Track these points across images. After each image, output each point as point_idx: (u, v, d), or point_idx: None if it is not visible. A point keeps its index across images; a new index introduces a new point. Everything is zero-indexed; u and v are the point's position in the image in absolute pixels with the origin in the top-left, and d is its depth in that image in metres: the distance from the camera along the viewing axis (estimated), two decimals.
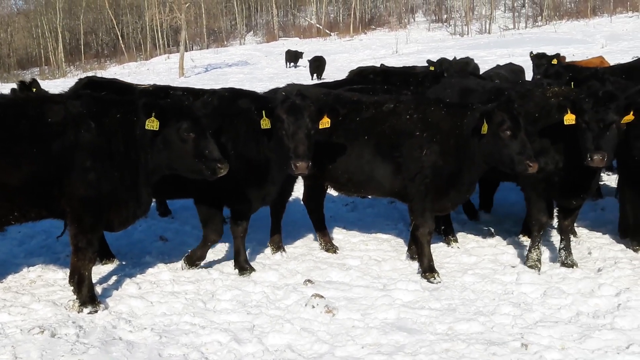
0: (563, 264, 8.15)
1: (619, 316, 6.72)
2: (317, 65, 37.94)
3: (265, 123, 7.43)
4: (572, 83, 9.74)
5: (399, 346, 6.27)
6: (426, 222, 8.04)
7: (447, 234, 9.15)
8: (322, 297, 7.11)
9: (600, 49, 37.29)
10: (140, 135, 6.86)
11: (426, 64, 17.07)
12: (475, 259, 8.56)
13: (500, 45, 45.70)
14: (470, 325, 6.66)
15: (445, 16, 73.19)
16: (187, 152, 6.86)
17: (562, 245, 8.25)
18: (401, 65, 20.14)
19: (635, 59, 18.32)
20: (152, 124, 6.74)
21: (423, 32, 68.41)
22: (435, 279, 7.85)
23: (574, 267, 8.08)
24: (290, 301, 7.22)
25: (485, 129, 7.47)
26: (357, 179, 8.38)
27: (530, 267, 8.10)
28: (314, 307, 6.97)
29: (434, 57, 19.71)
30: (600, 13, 62.01)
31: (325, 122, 7.60)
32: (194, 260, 8.11)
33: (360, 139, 8.23)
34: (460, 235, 9.30)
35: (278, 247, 8.81)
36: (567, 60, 18.96)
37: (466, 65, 17.76)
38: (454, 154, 7.85)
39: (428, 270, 7.96)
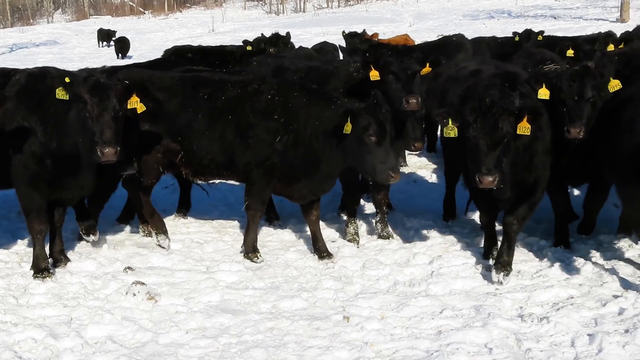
0: (380, 236, 8.44)
1: (433, 283, 7.07)
2: (121, 46, 37.41)
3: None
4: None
5: (223, 328, 6.22)
6: (261, 207, 7.93)
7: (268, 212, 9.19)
8: (143, 284, 6.89)
9: (409, 28, 38.89)
10: None
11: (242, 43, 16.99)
12: (296, 235, 8.65)
13: (315, 24, 46.40)
14: (294, 302, 6.73)
15: None
16: None
17: (378, 218, 8.53)
18: (218, 44, 19.98)
19: (440, 37, 19.26)
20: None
21: (239, 10, 68.09)
22: (257, 259, 7.82)
23: (390, 238, 8.38)
24: (109, 290, 6.93)
25: (348, 128, 7.06)
26: (219, 162, 7.91)
27: (349, 241, 8.31)
28: (135, 295, 6.74)
29: (251, 36, 19.68)
30: None
31: (134, 102, 6.92)
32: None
33: (222, 120, 7.76)
34: (280, 212, 9.35)
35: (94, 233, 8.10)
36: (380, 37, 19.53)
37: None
38: (309, 145, 7.53)
39: (251, 250, 7.90)
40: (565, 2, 47.85)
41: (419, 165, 11.98)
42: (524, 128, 6.60)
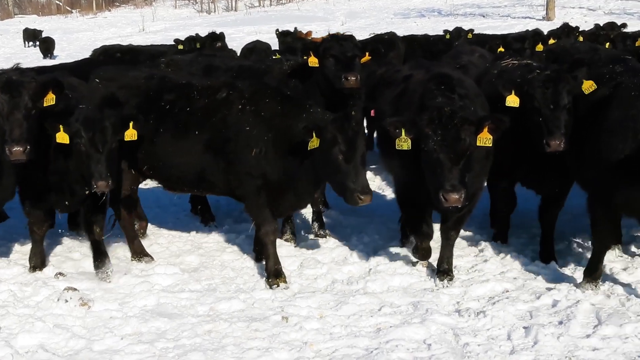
0: (317, 235, 8.42)
1: (371, 280, 7.07)
2: (47, 46, 36.78)
3: None
4: None
5: (160, 333, 6.09)
6: (266, 220, 7.11)
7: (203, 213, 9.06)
8: (75, 289, 6.70)
9: (341, 26, 39.00)
10: None
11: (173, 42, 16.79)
12: (233, 235, 8.55)
13: (247, 23, 46.20)
14: (232, 303, 6.64)
15: None
16: None
17: (314, 217, 8.50)
18: (149, 44, 19.70)
19: (372, 35, 19.37)
20: None
21: (170, 9, 67.22)
22: (279, 285, 6.98)
23: (327, 237, 8.36)
24: (40, 297, 6.70)
25: (315, 143, 6.42)
26: (188, 178, 7.43)
27: (286, 240, 8.25)
28: (67, 301, 6.53)
29: (182, 35, 19.43)
30: None
31: (50, 99, 6.53)
32: None
33: (189, 131, 7.21)
34: (216, 213, 9.24)
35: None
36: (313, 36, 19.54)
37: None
38: (286, 157, 6.86)
39: (273, 275, 7.07)
40: (494, 0, 48.72)
41: None
42: (485, 139, 6.18)
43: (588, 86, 6.70)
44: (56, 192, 7.02)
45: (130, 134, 6.76)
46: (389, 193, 9.97)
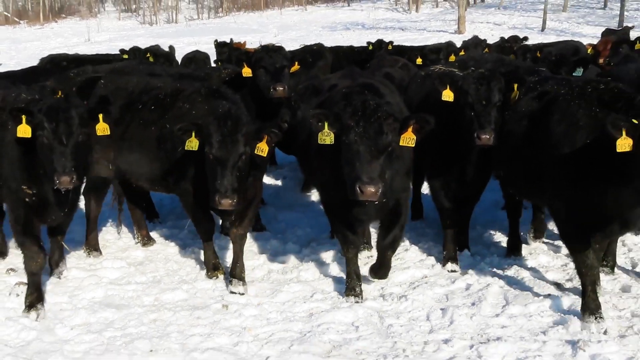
0: (254, 229, 8.34)
1: (304, 270, 7.08)
2: None
3: None
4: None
5: (108, 322, 5.98)
6: (202, 224, 6.88)
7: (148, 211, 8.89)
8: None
9: (274, 38, 38.88)
10: None
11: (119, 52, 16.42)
12: (176, 231, 8.43)
13: (187, 34, 45.52)
14: (175, 294, 6.57)
15: (134, 6, 71.07)
16: None
17: None
18: (94, 53, 19.24)
19: (302, 46, 19.36)
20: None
21: (114, 21, 65.72)
22: (218, 277, 6.86)
23: (263, 230, 8.32)
24: None
25: (190, 145, 6.04)
26: (148, 177, 7.10)
27: (225, 234, 8.17)
28: (18, 295, 6.36)
29: (126, 45, 19.01)
30: (272, 6, 64.55)
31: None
32: None
33: (145, 131, 6.91)
34: (160, 210, 9.10)
35: None
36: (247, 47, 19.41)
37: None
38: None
39: (212, 268, 6.94)
40: (411, 16, 49.44)
41: (288, 162, 11.98)
42: (408, 139, 5.63)
43: (514, 95, 6.49)
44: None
45: (102, 128, 5.90)
46: None
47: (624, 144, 4.99)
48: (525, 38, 17.55)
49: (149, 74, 8.60)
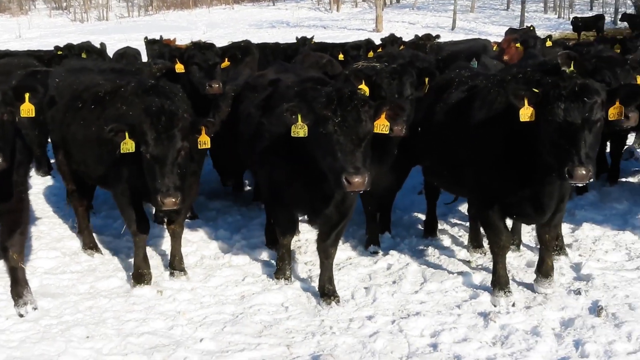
0: (186, 218, 8.20)
1: (235, 255, 6.99)
2: None
3: None
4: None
5: (44, 311, 5.73)
6: (133, 226, 6.21)
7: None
8: None
9: (202, 35, 38.31)
10: None
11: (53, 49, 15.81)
12: (110, 220, 8.18)
13: (118, 31, 44.34)
14: (110, 281, 6.38)
15: (65, 3, 68.58)
16: None
17: None
18: (26, 49, 18.56)
19: (230, 42, 19.11)
20: None
21: (45, 18, 63.24)
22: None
23: (195, 218, 8.17)
24: None
25: (129, 145, 5.53)
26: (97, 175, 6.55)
27: (158, 223, 7.97)
28: None
29: (58, 42, 18.36)
30: (200, 5, 63.53)
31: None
32: None
33: (84, 128, 6.42)
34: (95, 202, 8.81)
35: None
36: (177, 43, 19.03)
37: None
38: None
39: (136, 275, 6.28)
40: (332, 15, 49.61)
41: None
42: (382, 126, 5.20)
43: (425, 88, 6.57)
44: None
45: (27, 109, 5.29)
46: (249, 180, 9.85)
47: (526, 113, 5.03)
48: (438, 36, 17.89)
49: (82, 68, 8.30)
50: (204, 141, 5.70)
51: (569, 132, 4.83)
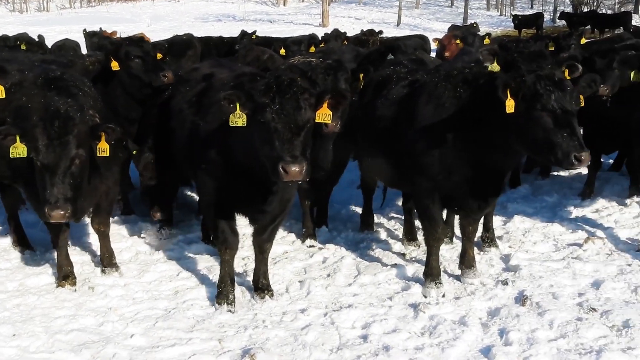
0: (122, 213, 8.09)
1: (170, 250, 6.96)
2: None
3: None
4: None
5: None
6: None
7: None
8: None
9: (146, 28, 37.69)
10: None
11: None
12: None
13: (58, 23, 43.19)
14: (41, 278, 6.26)
15: None
16: None
17: (119, 197, 8.09)
18: None
19: (174, 36, 18.87)
20: None
21: None
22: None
23: (132, 214, 8.05)
24: None
25: (20, 150, 5.10)
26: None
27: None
28: None
29: None
30: None
31: None
32: None
33: None
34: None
35: None
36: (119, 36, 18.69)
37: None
38: None
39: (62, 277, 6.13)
40: (279, 9, 49.49)
41: None
42: (324, 115, 4.99)
43: (360, 84, 6.55)
44: None
45: None
46: None
47: (510, 105, 5.05)
48: (381, 32, 18.06)
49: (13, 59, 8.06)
50: (103, 148, 5.24)
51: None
